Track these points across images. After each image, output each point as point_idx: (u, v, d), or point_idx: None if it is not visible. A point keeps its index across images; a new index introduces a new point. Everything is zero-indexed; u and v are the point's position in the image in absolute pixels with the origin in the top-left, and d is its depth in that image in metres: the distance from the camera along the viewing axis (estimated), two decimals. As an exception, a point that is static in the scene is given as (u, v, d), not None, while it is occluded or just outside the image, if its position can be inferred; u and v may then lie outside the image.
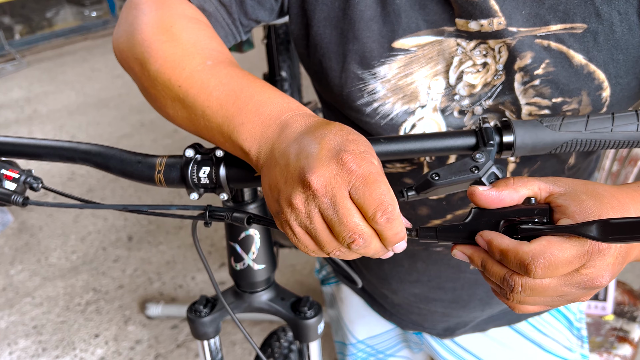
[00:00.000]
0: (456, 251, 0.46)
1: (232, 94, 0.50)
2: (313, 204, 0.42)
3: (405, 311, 0.83)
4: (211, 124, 0.51)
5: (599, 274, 0.40)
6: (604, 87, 0.58)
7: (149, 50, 0.54)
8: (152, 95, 0.56)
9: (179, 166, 0.56)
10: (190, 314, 0.76)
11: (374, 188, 0.41)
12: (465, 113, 0.62)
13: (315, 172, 0.41)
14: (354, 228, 0.41)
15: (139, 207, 0.58)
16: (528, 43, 0.57)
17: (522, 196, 0.44)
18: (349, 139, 0.44)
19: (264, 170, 0.47)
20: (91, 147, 0.58)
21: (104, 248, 2.43)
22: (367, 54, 0.61)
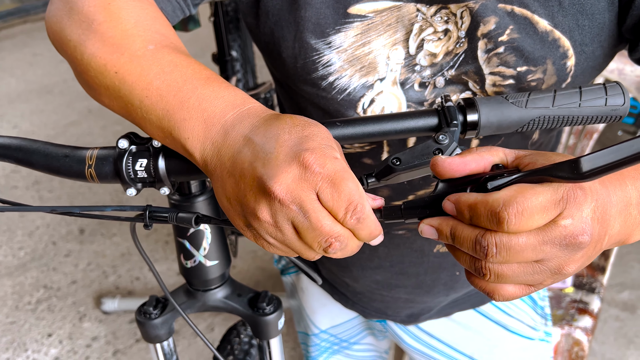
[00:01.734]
0: (423, 225, 0.41)
1: (174, 85, 0.45)
2: (281, 215, 0.38)
3: (367, 299, 0.80)
4: (150, 116, 0.45)
5: (578, 228, 0.36)
6: (569, 56, 0.55)
7: (85, 31, 0.48)
8: (86, 82, 0.50)
9: (112, 159, 0.50)
10: (139, 317, 0.70)
11: (342, 188, 0.37)
12: (427, 85, 0.58)
13: (277, 180, 0.37)
14: (329, 232, 0.38)
15: (69, 209, 0.52)
16: (491, 7, 0.54)
17: (488, 163, 0.40)
18: (305, 135, 0.40)
19: (215, 177, 0.42)
20: (10, 141, 0.52)
21: (54, 242, 2.31)
22: (321, 21, 0.57)
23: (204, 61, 2.09)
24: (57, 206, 0.51)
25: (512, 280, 0.38)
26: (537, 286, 0.39)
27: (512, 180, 0.38)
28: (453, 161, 0.40)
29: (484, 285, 0.40)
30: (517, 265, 0.37)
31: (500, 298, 0.39)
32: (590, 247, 0.37)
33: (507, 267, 0.37)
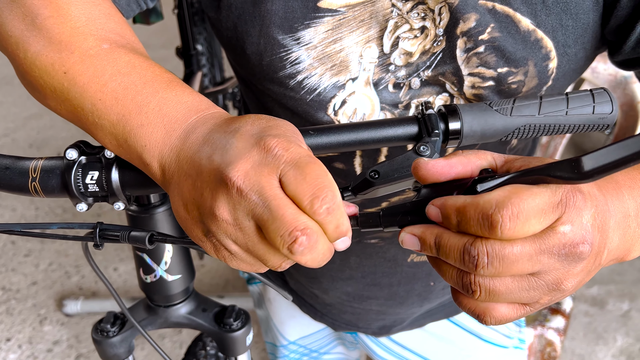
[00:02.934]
0: (404, 234, 0.36)
1: (132, 87, 0.40)
2: (241, 208, 0.33)
3: (337, 311, 0.76)
4: (102, 121, 0.41)
5: (578, 235, 0.32)
6: (551, 57, 0.52)
7: (28, 27, 0.43)
8: (29, 83, 0.45)
9: (60, 171, 0.45)
10: (96, 335, 0.65)
11: (307, 171, 0.32)
12: (402, 86, 0.55)
13: (235, 167, 0.33)
14: (292, 221, 0.32)
15: (10, 227, 0.46)
16: (472, 4, 0.50)
17: (476, 167, 0.36)
18: (270, 125, 0.36)
19: (172, 186, 0.38)
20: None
21: (13, 242, 2.21)
22: (288, 15, 0.52)
23: (169, 53, 2.01)
24: (-4, 223, 0.46)
25: (505, 298, 0.34)
26: (532, 305, 0.35)
27: (506, 181, 0.34)
28: (437, 163, 0.36)
29: (473, 305, 0.35)
30: (510, 279, 0.33)
31: (492, 321, 0.35)
32: (590, 258, 0.34)
33: (500, 281, 0.33)
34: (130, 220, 0.58)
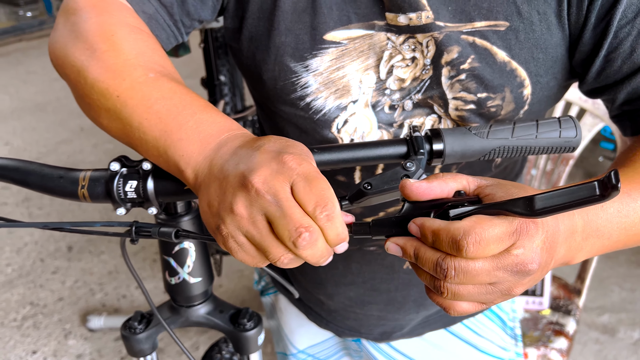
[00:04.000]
0: (389, 243, 0.45)
1: (173, 109, 0.49)
2: (256, 206, 0.41)
3: (341, 317, 0.83)
4: (147, 136, 0.49)
5: (528, 257, 0.40)
6: (525, 85, 0.60)
7: (88, 58, 0.52)
8: (87, 104, 0.54)
9: (104, 180, 0.53)
10: (124, 331, 0.73)
11: (314, 184, 0.40)
12: (396, 108, 0.63)
13: (257, 173, 0.41)
14: (299, 220, 0.40)
15: (60, 225, 0.55)
16: (454, 38, 0.58)
17: (451, 189, 0.44)
18: (287, 144, 0.44)
19: (202, 189, 0.46)
20: (7, 162, 0.55)
21: (42, 259, 2.32)
22: (299, 46, 0.61)
23: (194, 82, 2.12)
24: (48, 222, 0.55)
25: (466, 299, 0.42)
26: (488, 304, 0.43)
27: (472, 211, 0.42)
28: (420, 185, 0.44)
29: (441, 301, 0.44)
30: (472, 286, 0.41)
31: (454, 313, 0.44)
32: (537, 273, 0.42)
33: (464, 287, 0.41)
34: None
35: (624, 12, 0.55)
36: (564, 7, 0.57)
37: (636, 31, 0.55)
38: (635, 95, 0.58)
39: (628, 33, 0.55)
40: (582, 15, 0.57)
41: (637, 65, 0.56)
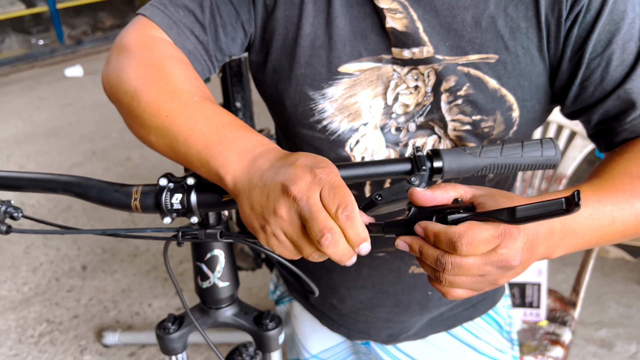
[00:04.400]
0: (399, 241, 0.54)
1: (214, 127, 0.58)
2: (294, 210, 0.50)
3: (352, 320, 0.91)
4: (191, 150, 0.58)
5: (511, 255, 0.49)
6: (513, 109, 0.69)
7: (141, 85, 0.61)
8: (138, 124, 0.62)
9: (154, 194, 0.63)
10: (159, 331, 0.81)
11: (337, 191, 0.49)
12: (401, 130, 0.72)
13: (295, 184, 0.49)
14: (323, 222, 0.48)
15: (116, 231, 0.64)
16: (452, 69, 0.68)
17: (450, 197, 0.54)
18: (318, 160, 0.53)
19: (242, 195, 0.54)
20: (71, 179, 0.64)
21: (57, 278, 2.40)
22: (317, 77, 0.71)
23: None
24: (106, 229, 0.64)
25: (460, 287, 0.52)
26: (478, 291, 0.53)
27: (466, 218, 0.52)
28: (425, 193, 0.53)
29: (440, 287, 0.53)
30: (465, 277, 0.51)
31: (450, 297, 0.53)
32: (519, 267, 0.51)
33: (458, 278, 0.51)
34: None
35: (594, 46, 0.64)
36: (544, 43, 0.67)
37: (605, 62, 0.65)
38: (606, 117, 0.68)
39: (598, 64, 0.65)
40: (559, 50, 0.66)
41: (607, 91, 0.66)
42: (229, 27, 0.71)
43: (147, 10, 0.68)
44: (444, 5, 0.66)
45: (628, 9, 0.63)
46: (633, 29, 0.64)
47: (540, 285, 1.43)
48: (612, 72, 0.65)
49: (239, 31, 0.72)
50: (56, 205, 2.90)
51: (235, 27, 0.71)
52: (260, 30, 0.73)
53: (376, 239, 0.65)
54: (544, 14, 0.65)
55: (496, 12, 0.66)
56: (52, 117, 3.87)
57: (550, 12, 0.65)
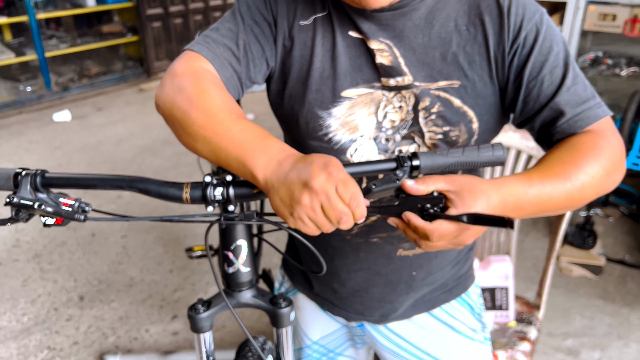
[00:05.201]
0: (391, 220, 0.75)
1: (248, 138, 0.75)
2: (315, 200, 0.67)
3: (350, 302, 1.08)
4: (230, 155, 0.75)
5: (466, 239, 0.72)
6: (473, 122, 0.90)
7: (191, 104, 0.78)
8: (187, 134, 0.79)
9: (201, 188, 0.81)
10: (190, 312, 0.97)
11: (348, 186, 0.68)
12: (389, 140, 0.92)
13: (314, 179, 0.67)
14: (342, 210, 0.67)
15: (170, 218, 0.82)
16: (426, 92, 0.89)
17: (430, 190, 0.74)
18: (328, 159, 0.71)
19: (272, 191, 0.72)
20: (135, 178, 0.82)
21: (56, 309, 2.50)
22: (325, 100, 0.91)
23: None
24: (162, 216, 0.81)
25: (433, 249, 0.74)
26: (447, 246, 0.75)
27: (439, 216, 0.73)
28: (412, 185, 0.74)
29: (417, 244, 0.75)
30: (436, 246, 0.73)
31: (427, 249, 0.75)
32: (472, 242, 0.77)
33: (431, 246, 0.73)
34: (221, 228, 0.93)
35: (530, 72, 0.85)
36: (493, 71, 0.88)
37: (539, 83, 0.85)
38: (544, 124, 0.87)
39: (534, 85, 0.85)
40: (505, 76, 0.88)
41: (542, 104, 0.86)
42: (257, 61, 0.91)
43: (195, 47, 0.88)
44: (419, 46, 0.88)
45: (553, 45, 0.85)
46: (558, 58, 0.85)
47: (507, 289, 1.63)
48: (544, 90, 0.85)
49: (264, 64, 0.92)
50: (51, 241, 3.01)
51: (261, 61, 0.92)
52: (279, 64, 0.94)
53: (370, 227, 0.85)
54: (492, 50, 0.87)
55: (457, 50, 0.88)
56: (42, 160, 4.00)
57: (497, 49, 0.87)
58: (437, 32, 0.88)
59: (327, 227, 0.70)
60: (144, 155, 4.09)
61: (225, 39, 0.90)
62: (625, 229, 3.02)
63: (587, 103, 0.85)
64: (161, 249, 2.92)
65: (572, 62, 0.86)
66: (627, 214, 3.10)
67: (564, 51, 0.86)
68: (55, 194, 0.86)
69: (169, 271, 2.75)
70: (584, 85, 0.86)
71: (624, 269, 2.69)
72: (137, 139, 4.41)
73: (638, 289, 2.55)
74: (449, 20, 0.88)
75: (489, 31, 0.87)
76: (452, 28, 0.88)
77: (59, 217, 0.84)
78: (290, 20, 0.93)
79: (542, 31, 0.85)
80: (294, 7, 0.93)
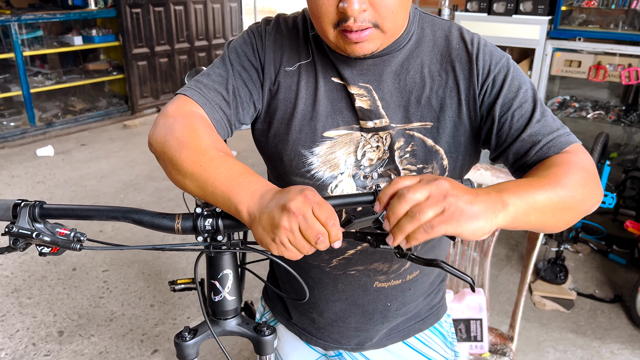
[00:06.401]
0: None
1: (234, 175, 0.81)
2: (294, 221, 0.72)
3: (328, 332, 1.13)
4: (217, 190, 0.81)
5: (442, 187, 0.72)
6: (444, 159, 0.98)
7: (181, 143, 0.84)
8: (177, 171, 0.84)
9: (192, 219, 0.87)
10: (177, 339, 1.02)
11: (324, 206, 0.73)
12: (367, 177, 0.99)
13: (291, 202, 0.72)
14: (318, 229, 0.70)
15: (162, 246, 0.88)
16: (401, 133, 0.97)
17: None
18: (305, 187, 0.76)
19: (255, 221, 0.77)
20: (130, 209, 0.88)
21: (34, 344, 2.48)
22: (307, 139, 0.98)
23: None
24: (154, 244, 0.87)
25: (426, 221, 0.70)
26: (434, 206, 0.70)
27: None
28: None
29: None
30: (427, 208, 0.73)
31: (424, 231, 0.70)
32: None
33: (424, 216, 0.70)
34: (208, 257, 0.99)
35: (501, 108, 0.93)
36: (464, 112, 0.95)
37: (510, 118, 0.92)
38: (517, 156, 0.93)
39: (505, 119, 0.93)
40: (478, 114, 0.95)
41: (514, 137, 0.92)
42: (245, 104, 0.99)
43: (186, 91, 0.95)
44: (396, 90, 0.97)
45: (521, 84, 0.94)
46: (527, 95, 0.93)
47: (481, 320, 1.69)
48: (515, 124, 0.92)
49: (251, 107, 1.00)
50: (30, 275, 3.00)
51: (249, 104, 0.99)
52: (265, 106, 1.01)
53: (349, 260, 0.92)
54: (463, 93, 0.96)
55: (430, 94, 0.97)
56: (24, 194, 4.00)
57: (467, 92, 0.95)
58: (412, 77, 0.97)
59: (307, 249, 0.74)
60: (127, 191, 4.11)
61: (215, 84, 0.97)
62: (594, 264, 3.13)
63: (557, 132, 0.90)
64: (142, 283, 2.92)
65: (540, 100, 0.94)
66: (596, 250, 3.21)
67: (531, 90, 0.94)
68: (52, 224, 0.91)
69: (150, 305, 2.75)
70: (553, 118, 0.93)
71: (594, 303, 2.77)
72: (120, 174, 4.44)
73: (608, 323, 2.63)
74: (423, 66, 0.97)
75: (459, 76, 0.96)
76: (426, 74, 0.97)
77: (56, 246, 0.89)
78: (277, 66, 1.01)
79: (510, 72, 0.94)
80: (280, 54, 1.01)
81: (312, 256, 1.06)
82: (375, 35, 0.87)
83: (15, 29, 4.99)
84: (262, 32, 1.02)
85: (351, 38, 0.86)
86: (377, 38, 0.88)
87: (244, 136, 1.21)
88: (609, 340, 2.51)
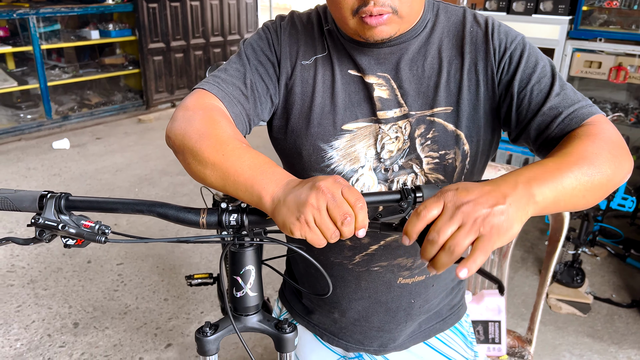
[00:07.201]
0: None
1: (257, 165, 0.80)
2: (322, 199, 0.70)
3: (350, 332, 1.12)
4: (239, 179, 0.79)
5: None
6: (465, 144, 0.96)
7: (203, 135, 0.83)
8: (198, 161, 0.83)
9: (217, 214, 0.86)
10: (198, 334, 1.01)
11: (352, 190, 0.72)
12: (388, 170, 0.98)
13: (322, 181, 0.71)
14: (346, 209, 0.69)
15: (187, 239, 0.87)
16: (421, 120, 0.96)
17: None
18: (332, 175, 0.75)
19: (278, 205, 0.75)
20: (155, 202, 0.88)
21: (49, 335, 2.50)
22: (326, 133, 0.97)
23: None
24: (175, 238, 0.86)
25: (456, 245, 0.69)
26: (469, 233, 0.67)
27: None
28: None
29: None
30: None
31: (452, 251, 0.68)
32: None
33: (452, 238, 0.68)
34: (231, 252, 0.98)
35: (519, 83, 0.91)
36: (482, 93, 0.94)
37: (529, 93, 0.91)
38: (539, 131, 0.91)
39: (524, 94, 0.91)
40: (497, 94, 0.94)
41: (535, 111, 0.90)
42: (263, 98, 0.98)
43: (205, 85, 0.94)
44: (414, 77, 0.96)
45: (539, 60, 0.93)
46: (545, 70, 0.92)
47: (500, 322, 1.67)
48: (535, 98, 0.90)
49: (269, 102, 0.99)
50: (46, 267, 3.02)
51: (266, 99, 0.99)
52: (283, 101, 1.01)
53: (372, 256, 0.90)
54: (481, 74, 0.95)
55: (448, 78, 0.96)
56: (39, 186, 4.03)
57: (485, 72, 0.94)
58: (429, 63, 0.97)
59: (331, 231, 0.70)
60: (141, 185, 4.13)
61: (233, 79, 0.96)
62: (612, 268, 3.09)
63: (579, 103, 0.89)
64: (157, 277, 2.93)
65: (559, 75, 0.93)
66: (613, 254, 3.17)
67: (549, 65, 0.93)
68: (77, 216, 0.91)
69: (164, 299, 2.76)
70: (574, 91, 0.91)
71: (612, 308, 2.74)
72: (134, 168, 4.46)
73: (625, 328, 2.59)
74: (440, 52, 0.97)
75: (476, 57, 0.95)
76: (443, 58, 0.96)
77: (81, 238, 0.89)
78: (293, 60, 1.00)
79: (526, 49, 0.94)
80: (296, 48, 1.01)
81: (334, 253, 1.05)
82: (393, 20, 0.88)
83: (33, 22, 5.03)
84: (277, 27, 1.02)
85: (370, 22, 0.86)
86: (394, 22, 0.88)
87: (258, 133, 1.20)
88: (626, 345, 2.47)
